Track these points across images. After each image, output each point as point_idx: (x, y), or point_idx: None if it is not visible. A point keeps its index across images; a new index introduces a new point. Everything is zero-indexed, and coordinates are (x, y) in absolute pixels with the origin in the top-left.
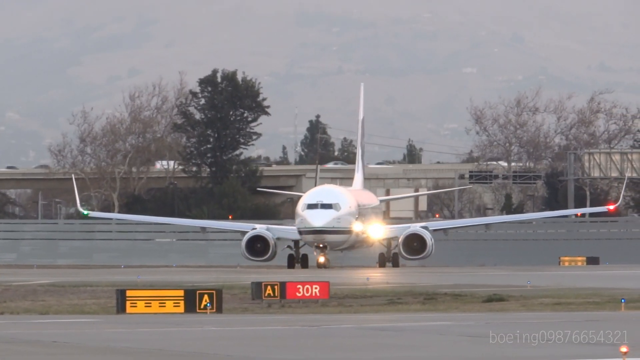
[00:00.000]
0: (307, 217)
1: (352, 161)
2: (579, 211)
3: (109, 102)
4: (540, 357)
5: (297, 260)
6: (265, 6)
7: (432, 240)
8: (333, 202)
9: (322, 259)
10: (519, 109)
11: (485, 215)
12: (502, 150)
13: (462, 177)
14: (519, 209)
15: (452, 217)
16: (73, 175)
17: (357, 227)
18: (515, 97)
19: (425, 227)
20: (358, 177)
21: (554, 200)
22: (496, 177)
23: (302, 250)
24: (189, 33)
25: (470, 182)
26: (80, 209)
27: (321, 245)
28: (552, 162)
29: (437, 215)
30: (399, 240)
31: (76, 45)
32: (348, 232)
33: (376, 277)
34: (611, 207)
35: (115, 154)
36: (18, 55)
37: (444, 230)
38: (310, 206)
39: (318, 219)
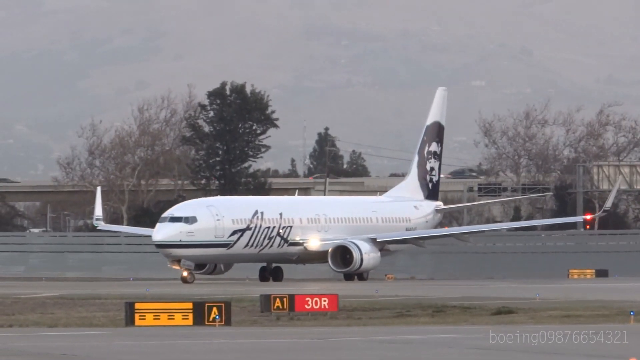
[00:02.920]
0: (154, 231)
1: (360, 174)
2: (552, 221)
3: (118, 115)
4: None
5: (269, 273)
6: (273, 19)
7: (367, 253)
8: (185, 216)
9: (184, 274)
10: (527, 121)
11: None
12: (511, 162)
13: (470, 189)
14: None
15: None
16: (99, 188)
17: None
18: (524, 110)
19: (372, 240)
20: (403, 185)
21: (563, 212)
22: (505, 189)
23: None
24: (197, 46)
25: (479, 195)
26: (97, 221)
27: (177, 260)
28: (561, 174)
29: (445, 228)
30: (328, 252)
31: (84, 58)
32: (211, 246)
33: (385, 289)
34: (588, 217)
35: (124, 167)
36: (26, 68)
37: (415, 241)
38: (162, 219)
39: (158, 233)
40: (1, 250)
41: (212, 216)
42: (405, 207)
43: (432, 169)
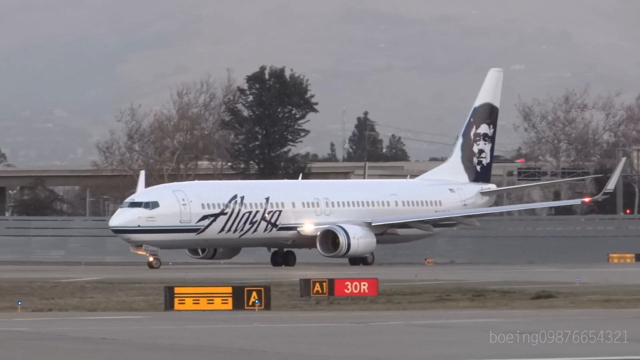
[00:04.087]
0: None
1: (400, 158)
2: (553, 204)
3: (157, 99)
4: (587, 354)
5: (280, 257)
6: (312, 3)
7: (356, 237)
8: (146, 201)
9: (150, 259)
10: (567, 105)
11: (533, 213)
12: (551, 147)
13: (510, 174)
14: (568, 206)
15: (501, 215)
16: (143, 172)
17: (219, 225)
18: (564, 94)
19: (367, 224)
20: (443, 167)
21: None
22: (544, 173)
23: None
24: (236, 30)
25: (518, 179)
26: None
27: (139, 245)
28: (601, 159)
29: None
30: (317, 237)
31: (123, 42)
32: (176, 231)
33: (425, 273)
34: (586, 199)
35: (163, 151)
36: (65, 53)
37: (418, 225)
38: (123, 204)
39: (115, 218)
40: (41, 234)
41: (177, 201)
42: (437, 190)
43: (481, 151)
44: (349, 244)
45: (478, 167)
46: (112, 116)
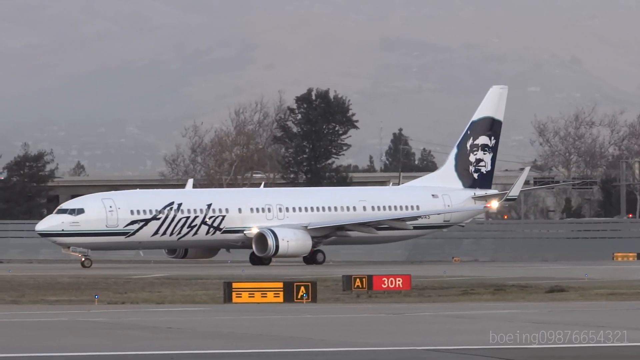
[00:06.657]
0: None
1: (430, 169)
2: (470, 208)
3: (217, 117)
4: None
5: (256, 257)
6: (353, 33)
7: (286, 239)
8: (72, 208)
9: (82, 259)
10: (577, 123)
11: (547, 217)
12: (563, 159)
13: (527, 182)
14: (578, 211)
15: (519, 218)
16: (190, 180)
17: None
18: (574, 113)
19: (304, 227)
20: (435, 174)
21: (608, 203)
22: (557, 182)
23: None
24: (286, 57)
25: (533, 188)
26: None
27: (68, 246)
28: (607, 169)
29: (505, 217)
30: (252, 239)
31: (187, 67)
32: (103, 234)
33: (452, 270)
34: (488, 205)
35: (222, 163)
36: (136, 76)
37: (357, 227)
38: (54, 211)
39: (41, 223)
40: None
41: (103, 207)
42: (416, 195)
43: (479, 160)
44: (277, 246)
45: (475, 175)
46: (178, 132)
